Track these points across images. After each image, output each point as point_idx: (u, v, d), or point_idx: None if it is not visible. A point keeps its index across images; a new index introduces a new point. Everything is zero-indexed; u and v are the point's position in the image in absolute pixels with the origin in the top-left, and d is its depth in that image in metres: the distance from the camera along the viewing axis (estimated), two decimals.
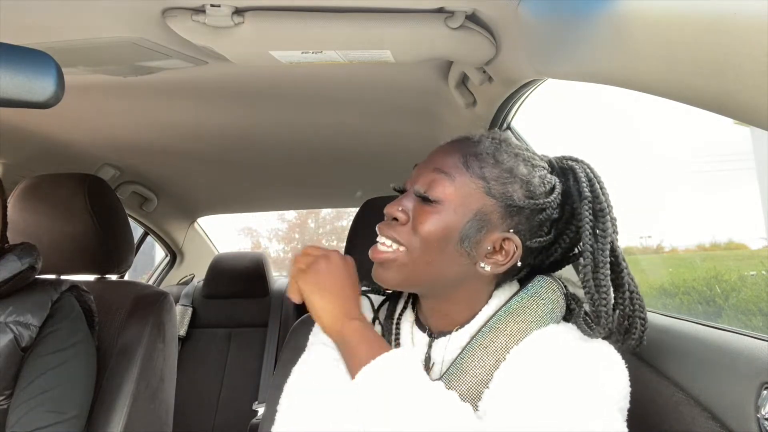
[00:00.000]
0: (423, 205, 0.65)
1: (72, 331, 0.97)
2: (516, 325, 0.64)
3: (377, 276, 0.68)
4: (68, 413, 0.90)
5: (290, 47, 0.81)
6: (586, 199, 0.64)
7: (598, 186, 0.66)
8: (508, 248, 0.65)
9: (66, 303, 1.00)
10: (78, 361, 0.96)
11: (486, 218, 0.64)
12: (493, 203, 0.64)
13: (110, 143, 1.52)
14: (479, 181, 0.64)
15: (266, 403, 0.99)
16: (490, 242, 0.64)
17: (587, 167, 0.68)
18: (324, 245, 6.58)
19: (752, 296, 3.17)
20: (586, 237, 0.63)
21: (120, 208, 1.29)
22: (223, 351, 2.13)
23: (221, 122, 1.37)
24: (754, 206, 5.31)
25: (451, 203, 0.64)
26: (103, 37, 0.80)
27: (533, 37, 0.69)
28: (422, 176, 0.66)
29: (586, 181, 0.66)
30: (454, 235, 0.63)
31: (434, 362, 0.68)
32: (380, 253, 0.67)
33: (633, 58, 0.48)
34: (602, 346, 0.62)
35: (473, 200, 0.64)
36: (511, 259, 0.65)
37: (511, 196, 0.64)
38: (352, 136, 1.53)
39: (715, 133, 7.87)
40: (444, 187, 0.64)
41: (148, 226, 2.25)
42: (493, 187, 0.64)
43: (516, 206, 0.64)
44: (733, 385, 0.63)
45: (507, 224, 0.64)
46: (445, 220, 0.63)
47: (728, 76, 0.39)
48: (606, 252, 0.63)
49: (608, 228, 0.63)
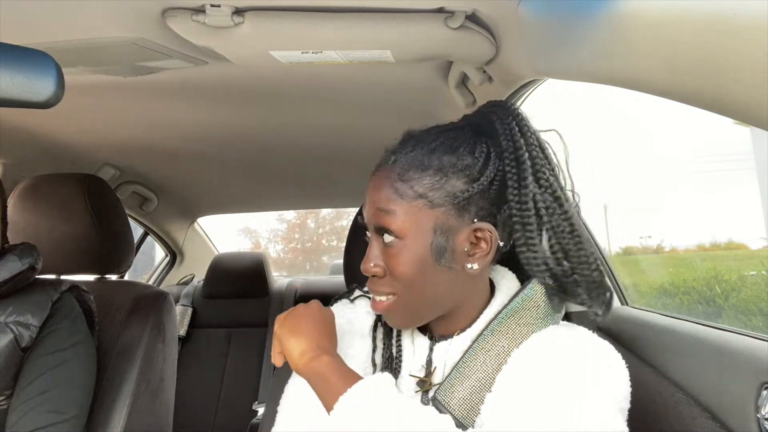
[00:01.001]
0: (387, 249, 0.65)
1: (72, 331, 0.97)
2: (517, 327, 0.64)
3: (392, 323, 0.71)
4: (68, 413, 0.90)
5: (290, 47, 0.81)
6: (506, 150, 0.64)
7: (517, 131, 0.64)
8: (484, 236, 0.64)
9: (66, 303, 0.99)
10: (78, 362, 0.96)
11: (446, 227, 0.63)
12: (442, 211, 0.63)
13: (110, 143, 1.52)
14: (418, 201, 0.63)
15: (266, 403, 0.99)
16: (464, 242, 0.64)
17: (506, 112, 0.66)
18: (324, 245, 6.53)
19: (752, 296, 3.17)
20: (511, 193, 0.63)
21: (120, 208, 1.29)
22: (223, 351, 2.13)
23: (221, 122, 1.37)
24: (754, 206, 5.31)
25: (408, 236, 0.63)
26: (103, 37, 0.80)
27: (533, 37, 0.69)
28: (371, 215, 0.67)
29: (505, 131, 0.64)
30: (428, 260, 0.63)
31: (436, 366, 0.68)
32: (380, 305, 0.68)
33: (633, 58, 0.48)
34: (603, 346, 0.62)
35: (424, 220, 0.63)
36: (491, 245, 0.64)
37: (454, 192, 0.63)
38: (352, 136, 1.53)
39: (715, 133, 7.87)
40: (391, 223, 0.63)
41: (148, 226, 2.25)
42: (433, 197, 0.63)
43: (464, 198, 0.63)
44: (733, 385, 0.63)
45: (467, 218, 0.64)
46: (411, 254, 0.63)
47: (728, 76, 0.39)
48: (529, 203, 0.62)
49: (527, 176, 0.62)
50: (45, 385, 0.90)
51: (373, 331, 0.75)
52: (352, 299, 0.81)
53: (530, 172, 0.62)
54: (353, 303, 0.80)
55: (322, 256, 14.37)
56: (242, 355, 2.12)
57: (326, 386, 0.60)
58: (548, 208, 0.63)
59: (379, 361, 0.73)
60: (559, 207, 0.63)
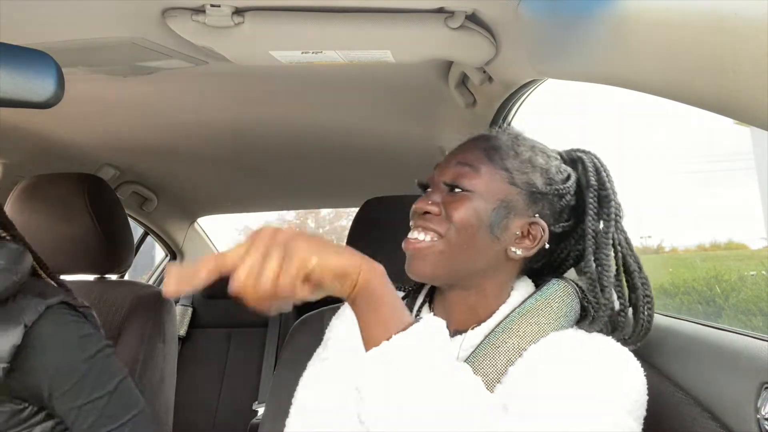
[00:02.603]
0: (452, 196, 0.68)
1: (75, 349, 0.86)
2: (529, 326, 0.65)
3: (413, 268, 0.69)
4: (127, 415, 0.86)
5: (290, 47, 0.81)
6: (591, 188, 0.69)
7: (604, 174, 0.70)
8: (535, 232, 0.68)
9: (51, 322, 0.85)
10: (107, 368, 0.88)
11: (511, 205, 0.67)
12: (516, 191, 0.67)
13: (110, 143, 1.52)
14: (502, 172, 0.68)
15: (266, 402, 0.99)
16: (518, 227, 0.67)
17: (594, 157, 0.72)
18: None
19: (752, 296, 3.17)
20: (589, 221, 0.68)
21: (120, 208, 1.28)
22: (223, 351, 2.13)
23: (221, 122, 1.37)
24: (754, 206, 5.31)
25: (478, 192, 0.67)
26: (103, 37, 0.80)
27: (533, 37, 0.69)
28: (448, 170, 0.69)
29: (593, 171, 0.70)
30: (484, 222, 0.66)
31: None
32: (417, 243, 0.68)
33: (633, 58, 0.48)
34: (622, 351, 0.62)
35: (498, 189, 0.67)
36: (539, 242, 0.68)
37: (534, 183, 0.68)
38: (352, 136, 1.53)
39: (714, 133, 7.87)
40: (470, 178, 0.67)
41: (148, 226, 2.25)
42: (516, 176, 0.68)
43: (539, 192, 0.68)
44: (733, 385, 0.63)
45: (532, 210, 0.68)
46: (475, 207, 0.66)
47: (728, 76, 0.39)
48: (609, 235, 0.67)
49: (611, 212, 0.68)
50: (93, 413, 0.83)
51: None
52: None
53: (613, 210, 0.68)
54: None
55: None
56: (242, 355, 2.12)
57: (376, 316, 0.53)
58: (621, 245, 0.68)
59: None
60: (629, 246, 0.69)
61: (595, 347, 0.63)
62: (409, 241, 0.69)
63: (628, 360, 0.61)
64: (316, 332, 0.93)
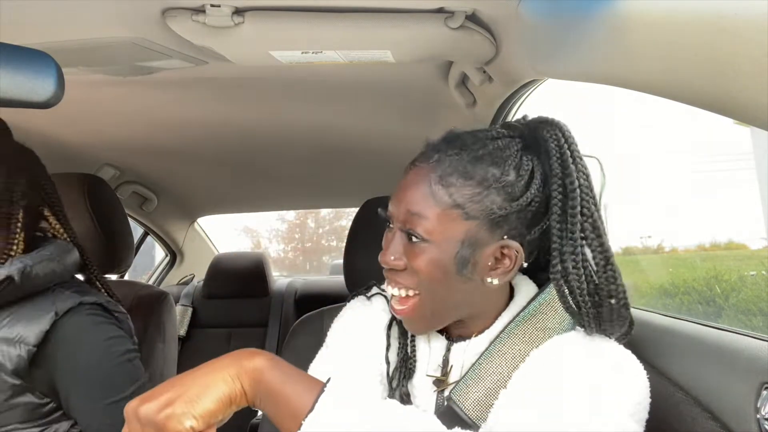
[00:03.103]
0: (411, 246, 0.63)
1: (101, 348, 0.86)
2: (534, 331, 0.65)
3: (409, 330, 0.70)
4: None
5: (290, 47, 0.81)
6: (556, 175, 0.61)
7: (568, 154, 0.61)
8: (509, 254, 0.63)
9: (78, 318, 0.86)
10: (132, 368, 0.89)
11: (474, 240, 0.61)
12: (476, 224, 0.61)
13: (110, 143, 1.52)
14: (454, 210, 0.60)
15: None
16: (489, 257, 0.62)
17: (558, 132, 0.62)
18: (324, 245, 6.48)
19: (752, 296, 3.17)
20: (554, 219, 0.61)
21: (120, 208, 1.28)
22: (223, 351, 2.10)
23: (221, 122, 1.37)
24: (754, 206, 5.31)
25: (434, 241, 0.61)
26: (103, 37, 0.80)
27: (533, 37, 0.69)
28: (400, 214, 0.64)
29: (556, 154, 0.61)
30: (450, 269, 0.62)
31: (452, 365, 0.68)
32: (401, 311, 0.66)
33: (633, 58, 0.48)
34: (624, 354, 0.62)
35: (455, 230, 0.61)
36: (515, 262, 0.63)
37: (491, 209, 0.60)
38: (352, 136, 1.53)
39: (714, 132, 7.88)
40: (422, 226, 0.61)
41: (148, 226, 2.25)
42: (470, 209, 0.60)
43: (499, 216, 0.61)
44: (733, 385, 0.63)
45: (498, 234, 0.62)
46: (434, 258, 0.61)
47: (728, 76, 0.39)
48: (576, 234, 0.59)
49: (576, 205, 0.59)
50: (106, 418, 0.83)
51: (387, 329, 0.75)
52: (369, 296, 0.80)
53: (578, 201, 0.60)
54: (370, 300, 0.80)
55: (322, 256, 14.38)
56: None
57: (283, 404, 0.53)
58: (586, 237, 0.60)
59: (393, 359, 0.73)
60: (597, 238, 0.60)
61: (598, 351, 0.62)
62: (394, 306, 0.67)
63: (631, 363, 0.61)
64: (316, 332, 0.94)
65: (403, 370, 0.70)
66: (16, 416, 0.81)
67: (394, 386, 0.71)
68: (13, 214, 0.86)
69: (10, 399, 0.80)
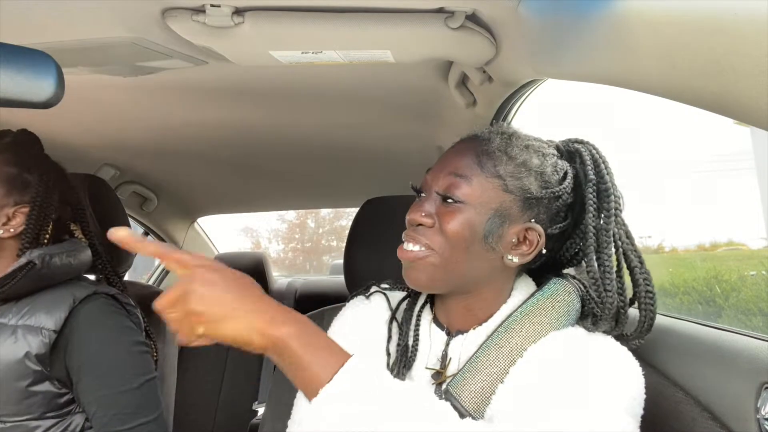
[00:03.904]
0: (445, 207, 0.67)
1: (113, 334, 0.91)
2: (531, 326, 0.66)
3: (408, 277, 0.69)
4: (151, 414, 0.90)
5: (290, 47, 0.81)
6: (590, 182, 0.67)
7: (603, 167, 0.68)
8: (532, 238, 0.67)
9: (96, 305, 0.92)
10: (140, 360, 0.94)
11: (506, 213, 0.66)
12: (511, 198, 0.66)
13: (110, 143, 1.52)
14: (495, 180, 0.66)
15: (266, 403, 0.99)
16: (514, 235, 0.67)
17: (592, 148, 0.70)
18: (324, 245, 6.49)
19: (752, 296, 3.17)
20: (590, 218, 0.66)
21: (120, 208, 1.29)
22: (223, 351, 2.13)
23: (221, 122, 1.37)
24: (754, 206, 5.31)
25: (471, 203, 0.65)
26: (103, 37, 0.80)
27: (533, 37, 0.69)
28: (440, 179, 0.68)
29: (591, 164, 0.68)
30: (478, 233, 0.65)
31: (451, 358, 0.69)
32: (409, 252, 0.67)
33: (633, 58, 0.48)
34: (620, 350, 0.63)
35: (492, 198, 0.66)
36: (535, 248, 0.67)
37: (528, 188, 0.66)
38: (352, 136, 1.53)
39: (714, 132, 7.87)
40: (462, 189, 0.66)
41: (148, 226, 2.25)
42: (509, 183, 0.66)
43: (533, 197, 0.66)
44: (733, 385, 0.63)
45: (527, 215, 0.67)
46: (468, 219, 0.65)
47: (728, 76, 0.39)
48: (610, 232, 0.65)
49: (611, 208, 0.66)
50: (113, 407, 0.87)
51: (389, 322, 0.76)
52: (368, 295, 0.81)
53: (612, 204, 0.66)
54: (368, 299, 0.81)
55: (322, 256, 14.38)
56: (242, 355, 2.10)
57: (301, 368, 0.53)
58: (620, 237, 0.67)
59: (393, 351, 0.73)
60: (629, 238, 0.67)
61: (594, 346, 0.64)
62: (402, 250, 0.69)
63: (626, 358, 0.62)
64: None
65: (403, 360, 0.71)
66: (36, 406, 0.85)
67: (393, 375, 0.70)
68: (44, 227, 0.92)
69: (31, 386, 0.84)
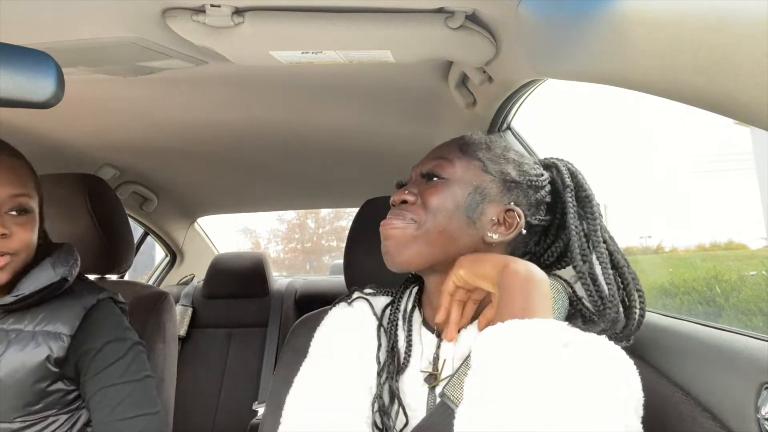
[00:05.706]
0: (429, 185, 0.72)
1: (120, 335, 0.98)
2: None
3: (391, 254, 0.70)
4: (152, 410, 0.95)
5: (290, 47, 0.81)
6: (568, 188, 0.71)
7: (580, 177, 0.73)
8: (511, 219, 0.70)
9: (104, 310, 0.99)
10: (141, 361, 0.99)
11: (486, 191, 0.70)
12: (490, 179, 0.71)
13: (110, 143, 1.52)
14: (476, 162, 0.72)
15: (266, 403, 0.99)
16: (494, 214, 0.70)
17: (568, 164, 0.75)
18: (324, 245, 6.52)
19: (752, 296, 3.17)
20: (572, 221, 0.69)
21: (120, 208, 1.29)
22: (223, 351, 2.13)
23: (221, 122, 1.37)
24: (754, 206, 5.31)
25: (453, 179, 0.71)
26: (103, 37, 0.80)
27: (533, 37, 0.69)
28: (425, 164, 0.74)
29: (567, 174, 0.73)
30: (460, 205, 0.69)
31: (445, 360, 0.69)
32: (393, 227, 0.70)
33: (633, 58, 0.48)
34: (617, 351, 0.62)
35: (472, 176, 0.71)
36: (515, 228, 0.70)
37: (507, 172, 0.71)
38: (352, 136, 1.53)
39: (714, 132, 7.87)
40: (445, 169, 0.72)
41: (148, 226, 2.25)
42: (489, 165, 0.72)
43: (512, 181, 0.71)
44: (733, 385, 0.63)
45: (506, 198, 0.71)
46: (451, 192, 0.70)
47: (728, 76, 0.39)
48: (598, 233, 0.68)
49: (595, 212, 0.70)
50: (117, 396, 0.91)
51: (378, 329, 0.75)
52: (350, 302, 0.81)
53: (596, 210, 0.70)
54: (351, 305, 0.81)
55: (322, 256, 14.39)
56: (242, 355, 2.12)
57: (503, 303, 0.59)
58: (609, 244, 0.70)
59: (383, 357, 0.73)
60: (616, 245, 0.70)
61: (592, 346, 0.62)
62: (385, 224, 0.71)
63: (625, 359, 0.61)
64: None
65: (393, 365, 0.71)
66: (51, 404, 0.91)
67: (383, 380, 0.70)
68: (41, 231, 0.98)
69: (50, 386, 0.91)
